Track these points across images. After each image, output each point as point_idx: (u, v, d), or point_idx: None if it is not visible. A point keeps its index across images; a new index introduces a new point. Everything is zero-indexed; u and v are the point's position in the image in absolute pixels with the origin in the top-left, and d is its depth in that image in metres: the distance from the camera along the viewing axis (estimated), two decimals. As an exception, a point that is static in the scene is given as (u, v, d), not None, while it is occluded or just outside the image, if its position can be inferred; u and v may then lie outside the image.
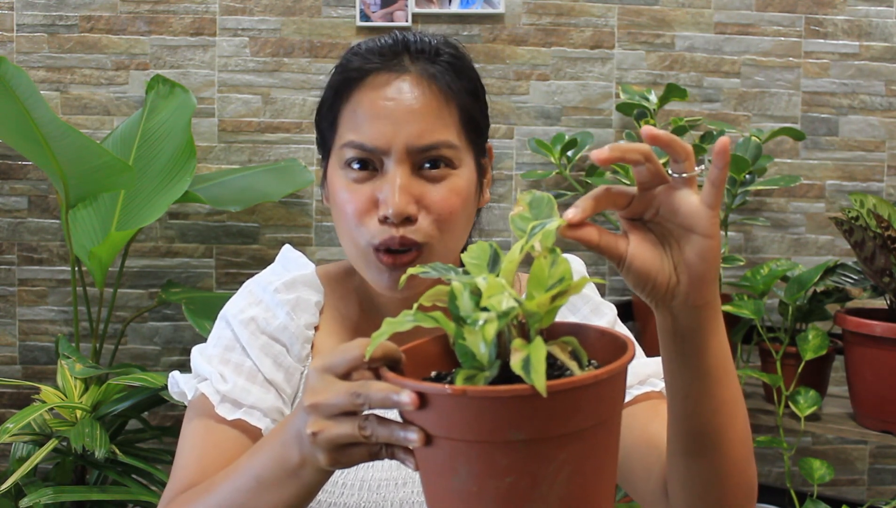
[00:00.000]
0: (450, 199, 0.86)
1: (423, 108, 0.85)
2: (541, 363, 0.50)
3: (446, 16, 2.07)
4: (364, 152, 0.85)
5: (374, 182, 0.86)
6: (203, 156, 2.07)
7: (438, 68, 0.87)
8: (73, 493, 1.56)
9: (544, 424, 0.52)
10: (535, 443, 0.52)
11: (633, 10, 2.11)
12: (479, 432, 0.52)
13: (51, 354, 2.08)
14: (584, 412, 0.53)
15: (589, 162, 2.03)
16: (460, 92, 0.88)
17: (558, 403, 0.52)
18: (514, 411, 0.51)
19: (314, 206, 2.11)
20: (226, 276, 2.11)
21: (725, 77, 2.14)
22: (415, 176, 0.85)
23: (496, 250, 0.60)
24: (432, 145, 0.85)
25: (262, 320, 0.91)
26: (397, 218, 0.83)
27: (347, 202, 0.86)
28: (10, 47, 2.04)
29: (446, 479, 0.55)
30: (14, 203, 2.08)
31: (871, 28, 2.14)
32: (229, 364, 0.89)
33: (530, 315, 0.56)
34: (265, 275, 0.98)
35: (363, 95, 0.87)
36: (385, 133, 0.84)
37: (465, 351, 0.55)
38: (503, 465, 0.53)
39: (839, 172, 2.16)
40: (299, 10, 2.08)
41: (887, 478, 2.22)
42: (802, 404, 1.70)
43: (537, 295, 0.55)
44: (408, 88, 0.86)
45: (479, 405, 0.52)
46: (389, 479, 0.87)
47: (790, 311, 1.77)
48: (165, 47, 2.07)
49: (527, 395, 0.50)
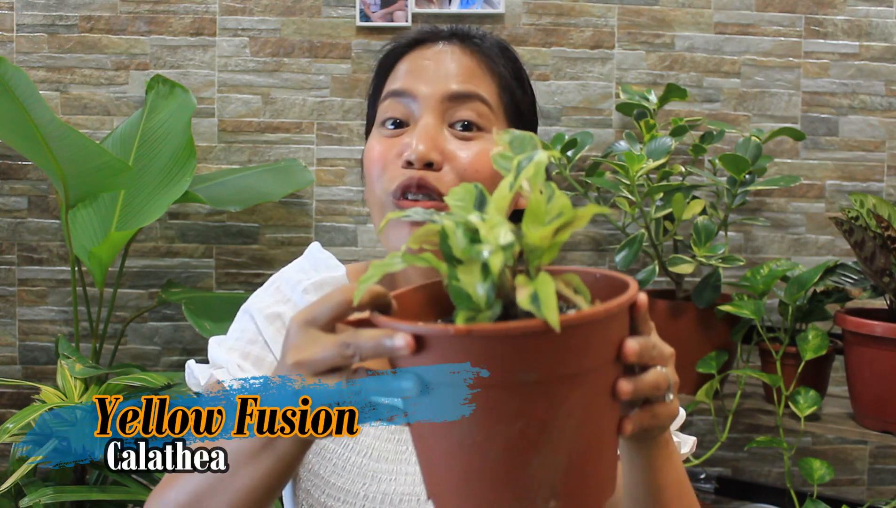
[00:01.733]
0: (477, 158, 0.83)
1: (462, 67, 0.86)
2: (551, 297, 0.47)
3: (446, 16, 2.07)
4: (397, 101, 0.85)
5: (403, 136, 0.85)
6: (203, 156, 2.07)
7: (482, 44, 0.89)
8: (73, 493, 1.56)
9: (556, 362, 0.48)
10: (546, 384, 0.49)
11: (633, 10, 2.11)
12: (486, 376, 0.48)
13: (51, 354, 2.08)
14: (596, 349, 0.50)
15: (589, 162, 2.02)
16: (502, 68, 0.88)
17: (571, 339, 0.48)
18: (524, 349, 0.47)
19: (314, 206, 2.11)
20: (226, 276, 2.11)
21: (725, 77, 2.14)
22: (446, 130, 0.84)
23: (482, 191, 0.56)
24: (466, 93, 0.84)
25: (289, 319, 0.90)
26: (419, 162, 0.81)
27: (374, 155, 0.85)
28: (10, 47, 2.04)
29: (446, 431, 0.51)
30: (14, 203, 2.08)
31: (871, 28, 2.14)
32: (249, 357, 0.87)
33: (531, 250, 0.51)
34: (293, 273, 0.94)
35: (407, 58, 0.88)
36: (420, 82, 0.85)
37: (459, 293, 0.50)
38: (512, 410, 0.49)
39: (839, 172, 2.16)
40: (299, 10, 2.08)
41: (887, 478, 2.22)
42: (802, 404, 1.70)
43: (534, 229, 0.51)
44: (450, 52, 0.87)
45: (485, 346, 0.47)
46: (412, 494, 0.86)
47: (790, 311, 1.77)
48: (165, 47, 2.07)
49: (539, 331, 0.47)
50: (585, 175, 1.97)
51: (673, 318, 1.85)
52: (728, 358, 1.83)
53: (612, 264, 2.10)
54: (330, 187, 2.10)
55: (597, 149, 2.08)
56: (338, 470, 0.87)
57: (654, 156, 1.77)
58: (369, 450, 0.88)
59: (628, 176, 1.72)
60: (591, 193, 1.98)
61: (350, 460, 0.87)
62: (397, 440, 0.88)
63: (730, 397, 1.85)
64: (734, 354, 1.87)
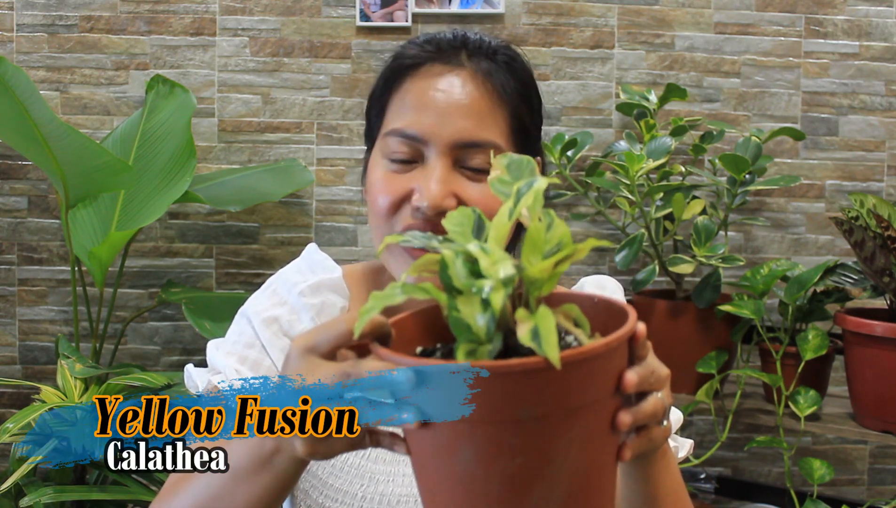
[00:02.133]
0: (490, 199, 0.80)
1: (473, 104, 0.83)
2: (551, 333, 0.46)
3: (446, 16, 2.07)
4: (406, 141, 0.82)
5: (412, 174, 0.83)
6: (203, 156, 2.07)
7: (494, 66, 0.85)
8: (73, 493, 1.56)
9: (557, 398, 0.48)
10: (546, 419, 0.49)
11: (633, 10, 2.11)
12: (486, 412, 0.48)
13: (51, 354, 2.08)
14: (596, 383, 0.50)
15: (589, 162, 2.02)
16: (513, 94, 0.86)
17: (571, 375, 0.48)
18: (525, 386, 0.47)
19: (314, 206, 2.11)
20: (226, 276, 2.11)
21: (725, 77, 2.14)
22: (455, 171, 0.82)
23: (480, 216, 0.56)
24: (478, 143, 0.82)
25: (286, 322, 0.89)
26: (431, 211, 0.80)
27: (381, 192, 0.83)
28: (10, 47, 2.04)
29: (446, 464, 0.51)
30: (14, 203, 2.08)
31: (871, 28, 2.14)
32: (247, 361, 0.87)
33: (531, 282, 0.51)
34: (290, 275, 0.94)
35: (414, 83, 0.85)
36: (430, 123, 0.82)
37: (459, 324, 0.50)
38: (512, 445, 0.49)
39: (839, 172, 2.16)
40: (299, 10, 2.08)
41: (887, 478, 2.22)
42: (802, 404, 1.70)
43: (535, 261, 0.51)
44: (460, 83, 0.83)
45: (486, 382, 0.47)
46: (410, 495, 0.86)
47: (790, 311, 1.77)
48: (165, 47, 2.07)
49: (539, 368, 0.47)
50: (585, 175, 1.97)
51: (673, 318, 1.85)
52: (728, 358, 1.83)
53: (612, 264, 2.10)
54: (330, 187, 2.10)
55: (597, 149, 2.08)
56: (335, 471, 0.87)
57: (654, 156, 1.77)
58: (367, 451, 0.87)
59: (628, 176, 1.72)
60: (591, 193, 1.98)
61: (348, 461, 0.87)
62: None
63: (730, 397, 1.85)
64: (734, 354, 1.87)
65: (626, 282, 2.10)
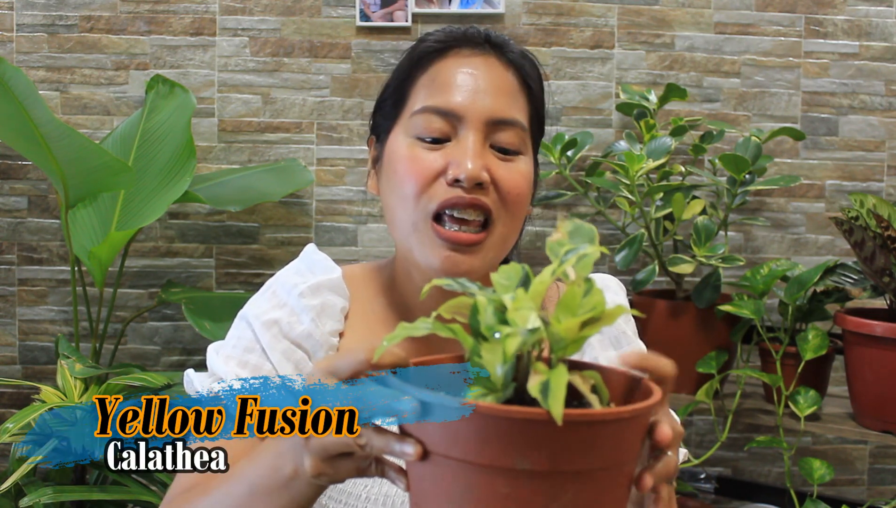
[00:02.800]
0: (518, 179, 0.85)
1: (503, 84, 0.86)
2: (560, 389, 0.47)
3: (446, 16, 2.07)
4: (440, 117, 0.84)
5: (444, 151, 0.84)
6: (203, 156, 2.07)
7: (516, 56, 0.89)
8: (73, 493, 1.56)
9: (555, 456, 0.48)
10: (541, 476, 0.48)
11: (633, 10, 2.11)
12: (484, 454, 0.49)
13: (51, 354, 2.08)
14: (599, 451, 0.49)
15: (589, 162, 2.02)
16: (535, 83, 0.89)
17: (573, 435, 0.48)
18: (524, 435, 0.48)
19: (314, 206, 2.11)
20: (226, 276, 2.11)
21: (725, 77, 2.14)
22: (487, 148, 0.84)
23: (528, 273, 0.56)
24: (509, 120, 0.84)
25: (286, 324, 0.88)
26: (470, 182, 0.81)
27: (411, 170, 0.83)
28: (10, 47, 2.04)
29: (440, 503, 0.51)
30: (14, 203, 2.08)
31: (871, 28, 2.14)
32: (247, 366, 0.87)
33: (556, 340, 0.52)
34: (289, 276, 0.94)
35: (444, 64, 0.87)
36: (464, 99, 0.84)
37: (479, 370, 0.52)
38: (503, 494, 0.49)
39: (839, 172, 2.16)
40: (299, 10, 2.08)
41: (887, 478, 2.22)
42: (802, 404, 1.70)
43: (565, 320, 0.51)
44: (489, 66, 0.86)
45: (486, 423, 0.48)
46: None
47: (790, 311, 1.77)
48: (165, 47, 2.07)
49: (540, 420, 0.47)
50: (585, 175, 1.97)
51: (673, 318, 1.85)
52: (728, 358, 1.83)
53: (612, 264, 2.10)
54: (330, 187, 2.10)
55: (597, 149, 2.08)
56: None
57: (654, 156, 1.77)
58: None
59: (628, 176, 1.72)
60: (591, 193, 1.98)
61: None
62: None
63: (730, 397, 1.85)
64: (734, 354, 1.87)
65: (626, 282, 2.10)
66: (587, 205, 2.08)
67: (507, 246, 0.88)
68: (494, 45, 0.88)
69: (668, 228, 1.86)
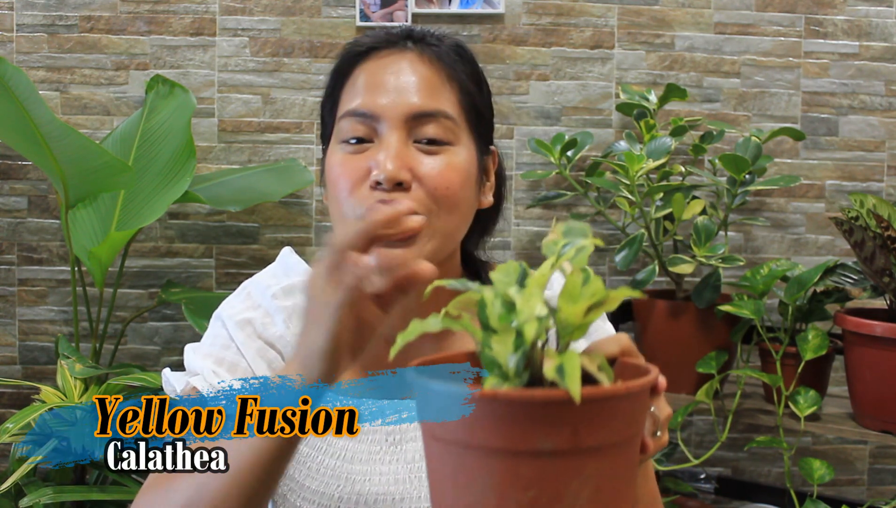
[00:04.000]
0: (446, 172, 0.84)
1: (422, 80, 0.85)
2: (575, 369, 0.49)
3: (446, 16, 2.07)
4: (360, 120, 0.84)
5: (367, 153, 0.84)
6: (203, 156, 2.07)
7: (440, 50, 0.88)
8: (73, 493, 1.56)
9: (575, 434, 0.50)
10: (563, 455, 0.51)
11: (633, 10, 2.11)
12: (507, 439, 0.50)
13: (51, 354, 2.08)
14: (614, 425, 0.52)
15: (589, 162, 2.02)
16: (461, 74, 0.88)
17: (591, 412, 0.50)
18: (545, 417, 0.50)
19: (314, 206, 2.11)
20: (226, 276, 2.11)
21: (725, 77, 2.14)
22: (411, 146, 0.84)
23: (525, 269, 0.59)
24: (431, 112, 0.84)
25: (260, 324, 0.90)
26: (389, 183, 0.81)
27: (339, 176, 0.85)
28: (10, 47, 2.04)
29: (461, 489, 0.53)
30: (14, 203, 2.08)
31: (871, 28, 2.14)
32: (223, 363, 0.87)
33: (563, 326, 0.55)
34: (264, 278, 0.96)
35: (364, 68, 0.88)
36: (382, 101, 0.84)
37: (491, 361, 0.54)
38: (527, 477, 0.51)
39: (839, 172, 2.16)
40: (299, 10, 2.08)
41: (887, 478, 2.22)
42: (802, 404, 1.70)
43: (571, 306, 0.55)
44: (408, 64, 0.86)
45: (508, 410, 0.50)
46: (387, 494, 0.86)
47: (790, 311, 1.76)
48: (165, 47, 2.07)
49: (560, 401, 0.49)
50: (585, 175, 1.97)
51: (673, 318, 1.85)
52: (728, 358, 1.83)
53: (612, 264, 2.10)
54: (330, 187, 2.10)
55: (597, 149, 2.08)
56: (311, 473, 0.87)
57: (654, 156, 1.77)
58: (342, 452, 0.88)
59: (628, 176, 1.72)
60: (591, 193, 1.98)
61: (323, 463, 0.87)
62: (370, 440, 0.88)
63: (730, 397, 1.85)
64: (734, 354, 1.87)
65: (626, 282, 2.10)
66: (587, 205, 2.08)
67: (454, 237, 0.88)
68: (416, 41, 0.88)
69: (668, 228, 1.86)
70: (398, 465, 0.87)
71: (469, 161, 0.87)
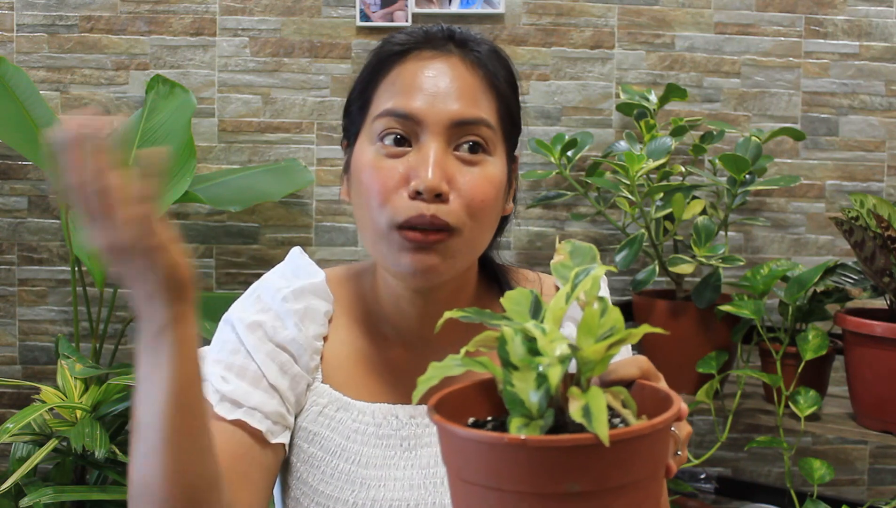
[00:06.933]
0: (483, 185, 0.83)
1: (465, 86, 0.84)
2: (602, 411, 0.50)
3: (446, 16, 2.07)
4: (399, 122, 0.82)
5: (406, 158, 0.83)
6: (203, 156, 2.07)
7: (481, 55, 0.87)
8: (73, 493, 1.56)
9: (603, 475, 0.50)
10: (591, 495, 0.51)
11: (633, 10, 2.11)
12: (535, 483, 0.50)
13: (51, 354, 2.08)
14: (641, 462, 0.52)
15: (589, 162, 2.02)
16: (502, 81, 0.87)
17: (618, 453, 0.50)
18: (574, 461, 0.50)
19: (314, 206, 2.11)
20: (226, 276, 2.11)
21: (725, 77, 2.14)
22: (450, 154, 0.83)
23: (537, 297, 0.59)
24: (473, 120, 0.83)
25: (271, 327, 0.88)
26: (430, 193, 0.79)
27: (374, 179, 0.82)
28: (10, 47, 2.04)
29: None
30: (14, 203, 2.08)
31: (871, 28, 2.14)
32: (233, 368, 0.86)
33: (584, 363, 0.55)
34: (273, 280, 0.93)
35: (405, 67, 0.86)
36: (424, 104, 0.82)
37: (513, 398, 0.54)
38: None
39: (839, 172, 2.16)
40: (299, 10, 2.08)
41: (887, 478, 2.22)
42: (802, 404, 1.70)
43: (589, 343, 0.55)
44: (451, 67, 0.85)
45: (537, 456, 0.50)
46: (402, 499, 0.86)
47: (790, 311, 1.76)
48: (165, 47, 2.07)
49: (589, 445, 0.49)
50: (585, 175, 1.97)
51: (673, 318, 1.85)
52: (728, 358, 1.83)
53: (612, 264, 2.10)
54: (330, 187, 2.10)
55: (597, 149, 2.08)
56: (326, 478, 0.87)
57: (654, 156, 1.77)
58: (357, 457, 0.87)
59: (628, 176, 1.72)
60: (591, 193, 1.98)
61: (338, 467, 0.87)
62: (385, 445, 0.88)
63: (730, 397, 1.85)
64: (734, 354, 1.87)
65: (626, 282, 2.10)
66: (587, 205, 2.08)
67: (477, 250, 0.87)
68: (458, 44, 0.87)
69: (669, 228, 1.86)
70: (413, 470, 0.86)
71: (502, 171, 0.86)
